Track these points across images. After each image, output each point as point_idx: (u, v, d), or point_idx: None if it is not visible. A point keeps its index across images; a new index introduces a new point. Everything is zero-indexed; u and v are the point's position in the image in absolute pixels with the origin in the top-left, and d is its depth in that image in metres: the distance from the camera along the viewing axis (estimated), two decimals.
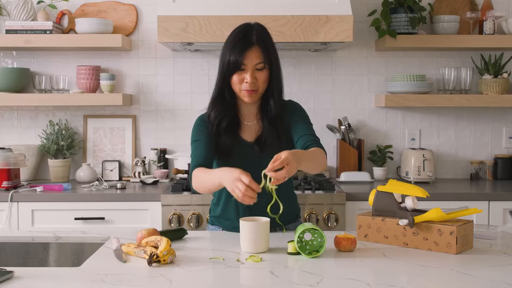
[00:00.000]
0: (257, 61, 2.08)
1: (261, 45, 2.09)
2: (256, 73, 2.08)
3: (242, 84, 2.09)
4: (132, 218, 3.03)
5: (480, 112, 3.66)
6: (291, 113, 2.21)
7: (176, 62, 3.62)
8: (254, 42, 2.08)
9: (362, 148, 3.50)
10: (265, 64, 2.09)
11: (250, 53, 2.07)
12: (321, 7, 3.11)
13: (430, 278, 1.62)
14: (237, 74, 2.08)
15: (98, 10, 3.58)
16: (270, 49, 2.12)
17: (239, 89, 2.10)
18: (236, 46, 2.07)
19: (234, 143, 2.16)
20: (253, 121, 2.21)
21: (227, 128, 2.16)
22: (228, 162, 2.12)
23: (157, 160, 3.54)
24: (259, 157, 2.12)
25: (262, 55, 2.08)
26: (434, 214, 1.86)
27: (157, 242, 1.78)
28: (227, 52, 2.09)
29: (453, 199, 2.99)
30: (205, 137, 2.16)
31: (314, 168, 2.06)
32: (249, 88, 2.08)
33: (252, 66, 2.07)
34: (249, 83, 2.07)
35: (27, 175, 3.44)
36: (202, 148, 2.14)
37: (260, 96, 2.15)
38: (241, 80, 2.08)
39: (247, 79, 2.07)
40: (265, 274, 1.64)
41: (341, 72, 3.64)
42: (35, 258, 2.07)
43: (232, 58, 2.07)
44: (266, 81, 2.12)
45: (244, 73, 2.08)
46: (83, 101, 3.37)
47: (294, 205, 2.31)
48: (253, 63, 2.07)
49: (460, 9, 3.60)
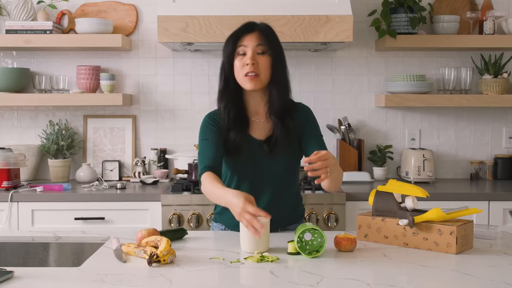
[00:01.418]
0: (257, 42, 2.08)
1: (262, 32, 2.12)
2: (257, 57, 2.08)
3: (243, 69, 2.08)
4: (132, 218, 3.03)
5: (480, 112, 3.66)
6: (305, 120, 2.19)
7: (176, 62, 3.62)
8: (255, 29, 2.12)
9: (362, 148, 3.50)
10: (266, 49, 2.09)
11: (251, 35, 2.10)
12: (321, 7, 3.11)
13: (430, 278, 1.62)
14: (239, 59, 2.09)
15: (98, 10, 3.58)
16: (272, 39, 2.13)
17: (242, 76, 2.09)
18: (236, 33, 2.12)
19: (243, 140, 2.12)
20: (261, 118, 2.18)
21: (235, 122, 2.13)
22: (236, 160, 2.11)
23: (157, 160, 3.54)
24: (268, 155, 2.12)
25: (263, 39, 2.10)
26: (434, 214, 1.86)
27: (157, 242, 1.78)
28: (229, 41, 2.12)
29: (453, 199, 2.99)
30: (214, 136, 2.13)
31: (335, 182, 2.04)
32: (250, 70, 2.06)
33: (253, 47, 2.08)
34: (250, 65, 2.06)
35: (27, 175, 3.44)
36: (211, 149, 2.11)
37: (263, 85, 2.12)
38: (243, 64, 2.08)
39: (247, 61, 2.07)
40: (265, 274, 1.64)
41: (341, 72, 3.64)
42: (35, 258, 2.07)
43: (233, 43, 2.10)
44: (268, 69, 2.10)
45: (245, 57, 2.08)
46: (83, 101, 3.37)
47: (298, 207, 2.28)
48: (253, 44, 2.08)
49: (460, 9, 3.60)
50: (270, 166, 2.12)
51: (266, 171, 2.12)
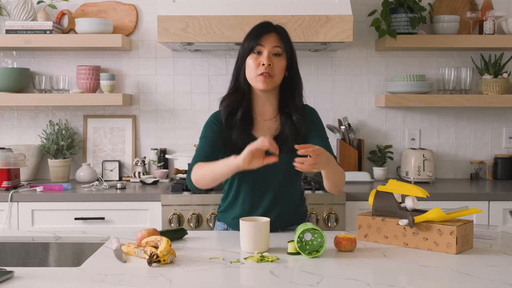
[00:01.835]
0: (275, 44, 2.09)
1: (281, 34, 2.12)
2: (273, 58, 2.09)
3: (258, 68, 2.07)
4: (132, 218, 3.03)
5: (480, 112, 3.66)
6: (311, 122, 2.19)
7: (176, 62, 3.62)
8: (273, 30, 2.12)
9: (362, 148, 3.50)
10: (282, 51, 2.10)
11: (269, 36, 2.10)
12: (321, 7, 3.11)
13: (430, 278, 1.62)
14: (253, 57, 2.08)
15: (98, 10, 3.58)
16: (289, 42, 2.14)
17: (254, 75, 2.08)
18: (254, 31, 2.12)
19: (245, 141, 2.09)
20: (269, 117, 2.18)
21: (240, 122, 2.13)
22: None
23: (157, 160, 3.54)
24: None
25: (280, 42, 2.10)
26: (434, 214, 1.86)
27: (157, 242, 1.78)
28: (245, 40, 2.12)
29: (453, 199, 2.99)
30: (213, 135, 2.13)
31: (334, 183, 2.06)
32: (265, 70, 2.06)
33: (270, 48, 2.08)
34: (266, 65, 2.06)
35: (27, 175, 3.44)
36: (207, 146, 2.13)
37: (275, 86, 2.13)
38: (257, 64, 2.08)
39: (263, 61, 2.06)
40: (265, 274, 1.64)
41: (341, 72, 3.64)
42: (35, 258, 2.07)
43: (249, 41, 2.10)
44: (282, 71, 2.11)
45: (260, 57, 2.08)
46: (83, 101, 3.37)
47: (300, 208, 2.27)
48: (271, 45, 2.08)
49: (460, 9, 3.60)
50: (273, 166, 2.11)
51: (268, 172, 2.11)
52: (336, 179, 2.06)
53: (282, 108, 2.16)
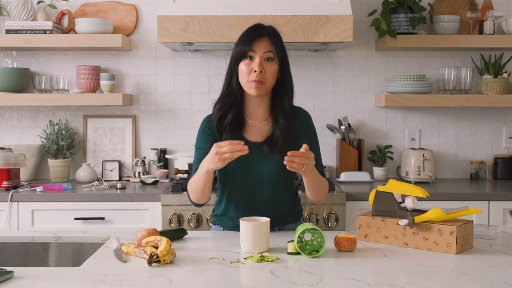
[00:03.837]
0: (267, 49, 2.08)
1: (272, 38, 2.11)
2: (265, 64, 2.08)
3: (250, 75, 2.07)
4: (132, 218, 3.03)
5: (480, 112, 3.66)
6: (302, 126, 2.19)
7: (176, 62, 3.62)
8: (265, 34, 2.11)
9: (362, 148, 3.50)
10: (274, 56, 2.09)
11: (260, 41, 2.09)
12: (321, 7, 3.11)
13: (430, 278, 1.62)
14: (245, 63, 2.08)
15: (98, 10, 3.58)
16: (280, 45, 2.13)
17: (246, 81, 2.08)
18: (246, 35, 2.11)
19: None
20: (260, 120, 2.18)
21: (231, 124, 2.13)
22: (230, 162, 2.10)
23: (157, 160, 3.54)
24: (263, 157, 2.11)
25: (272, 46, 2.10)
26: (434, 214, 1.86)
27: (157, 242, 1.78)
28: (237, 44, 2.12)
29: (453, 199, 2.98)
30: (209, 146, 2.05)
31: (316, 192, 2.11)
32: (257, 77, 2.06)
33: (261, 55, 2.07)
34: (257, 72, 2.05)
35: (27, 175, 3.44)
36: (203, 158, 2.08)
37: (268, 91, 2.13)
38: (249, 70, 2.07)
39: (255, 68, 2.06)
40: (265, 274, 1.64)
41: (341, 72, 3.64)
42: (35, 258, 2.07)
43: (241, 46, 2.09)
44: (274, 76, 2.11)
45: (252, 63, 2.08)
46: (83, 101, 3.37)
47: (295, 205, 2.29)
48: (262, 51, 2.08)
49: (460, 9, 3.60)
50: (266, 167, 2.12)
51: (261, 173, 2.12)
52: (317, 189, 2.10)
53: (273, 111, 2.16)
